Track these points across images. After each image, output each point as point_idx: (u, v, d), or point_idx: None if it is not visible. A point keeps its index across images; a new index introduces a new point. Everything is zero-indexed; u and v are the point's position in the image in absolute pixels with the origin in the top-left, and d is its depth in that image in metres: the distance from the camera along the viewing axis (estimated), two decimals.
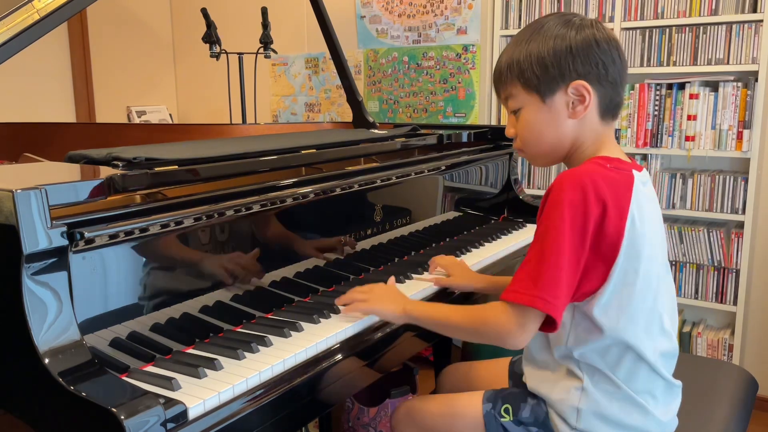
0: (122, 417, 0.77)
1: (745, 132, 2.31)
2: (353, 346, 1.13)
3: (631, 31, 2.49)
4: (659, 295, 1.06)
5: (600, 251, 0.99)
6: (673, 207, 2.47)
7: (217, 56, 2.88)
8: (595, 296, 1.01)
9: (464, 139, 1.91)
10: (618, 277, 1.00)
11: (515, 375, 1.30)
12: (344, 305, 1.22)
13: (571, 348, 1.06)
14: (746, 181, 2.33)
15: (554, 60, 1.05)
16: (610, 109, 1.09)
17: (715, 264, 2.43)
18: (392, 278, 1.38)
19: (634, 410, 1.06)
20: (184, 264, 1.07)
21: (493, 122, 2.85)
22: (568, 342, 1.07)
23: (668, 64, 2.44)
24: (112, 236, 0.94)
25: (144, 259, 1.01)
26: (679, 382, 1.14)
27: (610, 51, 1.06)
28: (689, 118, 2.39)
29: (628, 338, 1.03)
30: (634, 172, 1.06)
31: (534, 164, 1.38)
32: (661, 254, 1.09)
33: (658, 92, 2.45)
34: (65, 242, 0.87)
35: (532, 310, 0.99)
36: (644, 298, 1.04)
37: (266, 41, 2.88)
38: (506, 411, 1.15)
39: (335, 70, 2.18)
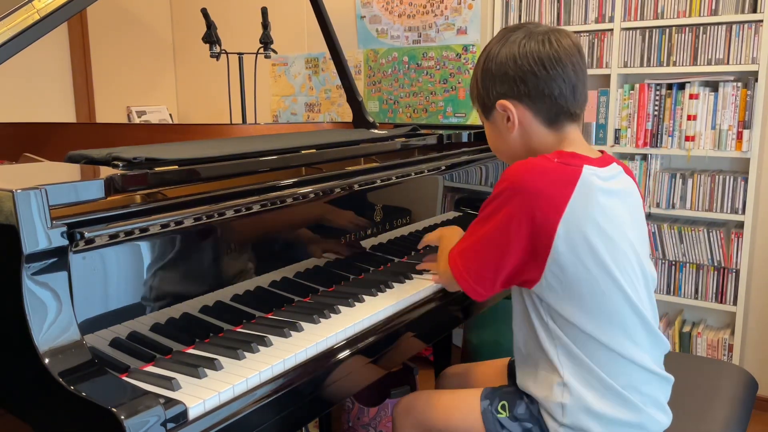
0: (122, 417, 0.77)
1: (745, 132, 2.31)
2: (353, 345, 1.13)
3: (631, 31, 2.49)
4: (632, 290, 1.06)
5: (536, 241, 1.03)
6: (673, 207, 2.47)
7: (217, 56, 2.88)
8: (540, 284, 1.05)
9: (464, 139, 1.90)
10: (558, 267, 1.02)
11: (514, 374, 1.31)
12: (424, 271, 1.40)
13: (544, 327, 1.09)
14: (746, 181, 2.33)
15: (482, 83, 1.14)
16: (557, 117, 1.10)
17: (715, 264, 2.43)
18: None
19: (619, 403, 1.07)
20: (184, 264, 1.07)
21: None
22: (535, 323, 1.10)
23: (668, 64, 2.44)
24: (112, 236, 0.94)
25: (144, 259, 1.01)
26: (670, 377, 1.14)
27: (531, 66, 1.07)
28: (689, 118, 2.39)
29: (591, 331, 1.05)
30: (591, 167, 1.05)
31: None
32: (632, 249, 1.08)
33: (658, 92, 2.45)
34: (65, 242, 0.87)
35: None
36: (604, 292, 1.04)
37: (266, 41, 2.88)
38: (503, 407, 1.18)
39: (335, 70, 2.18)
